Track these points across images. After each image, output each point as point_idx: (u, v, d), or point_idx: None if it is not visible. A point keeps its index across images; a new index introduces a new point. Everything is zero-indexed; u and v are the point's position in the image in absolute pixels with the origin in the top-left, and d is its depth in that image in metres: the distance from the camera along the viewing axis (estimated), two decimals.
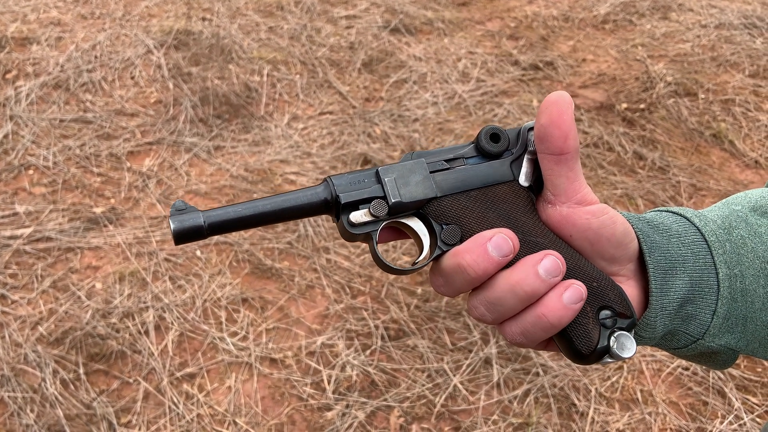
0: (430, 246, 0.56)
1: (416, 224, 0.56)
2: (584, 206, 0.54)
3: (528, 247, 0.54)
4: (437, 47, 4.05)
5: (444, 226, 0.54)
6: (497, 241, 0.51)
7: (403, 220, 0.56)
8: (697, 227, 0.58)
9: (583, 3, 4.57)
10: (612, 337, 0.52)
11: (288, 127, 3.32)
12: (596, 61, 3.96)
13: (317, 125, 3.35)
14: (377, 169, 0.55)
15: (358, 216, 0.54)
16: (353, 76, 3.75)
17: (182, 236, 0.52)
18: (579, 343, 0.52)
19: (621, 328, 0.53)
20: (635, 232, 0.56)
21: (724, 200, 0.66)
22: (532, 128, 0.56)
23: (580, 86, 3.72)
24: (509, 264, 0.52)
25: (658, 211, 0.61)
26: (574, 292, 0.51)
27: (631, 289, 0.56)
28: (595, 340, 0.52)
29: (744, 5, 4.45)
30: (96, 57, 3.80)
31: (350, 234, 0.54)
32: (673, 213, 0.60)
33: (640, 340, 0.57)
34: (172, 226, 0.52)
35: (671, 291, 0.55)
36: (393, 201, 0.54)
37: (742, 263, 0.57)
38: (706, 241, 0.57)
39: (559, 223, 0.54)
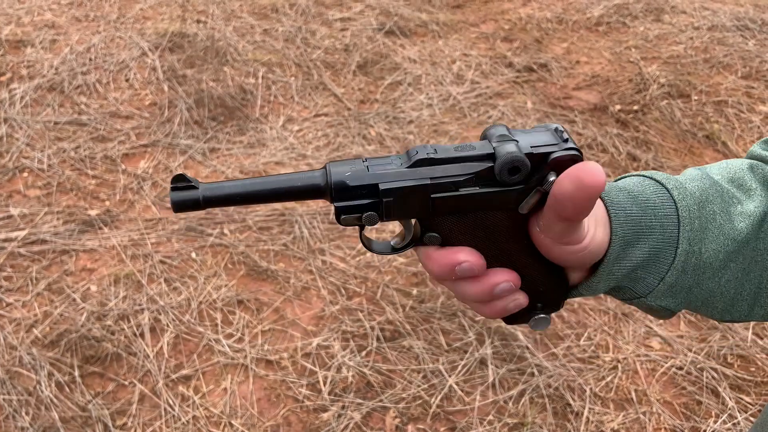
0: (411, 240, 0.56)
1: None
2: (568, 246, 0.53)
3: (507, 262, 0.56)
4: (432, 49, 4.06)
5: (428, 233, 0.54)
6: (464, 267, 0.54)
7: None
8: (674, 200, 0.59)
9: (577, 5, 4.59)
10: (532, 320, 0.59)
11: (283, 129, 3.32)
12: (590, 63, 3.97)
13: (312, 127, 3.35)
14: (378, 185, 0.51)
15: (350, 219, 0.54)
16: (348, 78, 3.76)
17: (180, 206, 0.53)
18: (507, 319, 0.60)
19: (542, 315, 0.59)
20: (608, 210, 0.57)
21: (708, 166, 0.68)
22: (556, 160, 0.51)
23: (574, 88, 3.74)
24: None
25: (643, 176, 0.62)
26: (517, 305, 0.58)
27: (601, 233, 0.56)
28: (518, 320, 0.60)
29: (736, 7, 4.47)
30: (90, 59, 3.79)
31: (340, 222, 0.55)
32: (656, 181, 0.61)
33: (577, 295, 0.60)
34: (171, 196, 0.53)
35: (626, 259, 0.57)
36: (386, 219, 0.53)
37: (705, 239, 0.59)
38: (678, 216, 0.58)
39: (540, 247, 0.55)
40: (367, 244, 0.57)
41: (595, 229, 0.54)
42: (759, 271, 0.63)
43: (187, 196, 0.53)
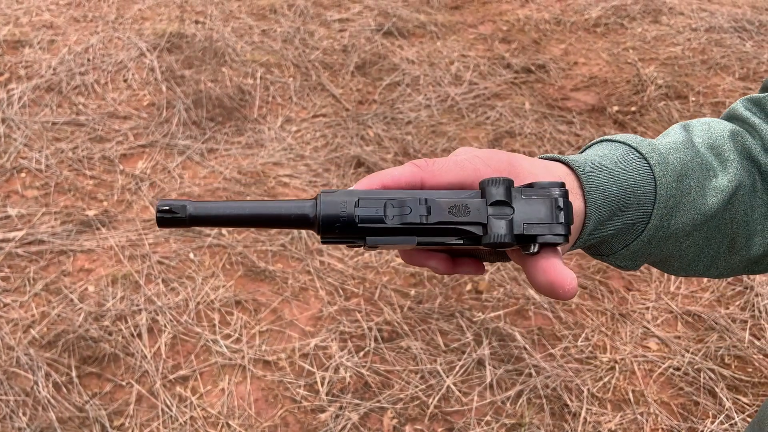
0: None
1: None
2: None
3: None
4: (430, 50, 4.07)
5: None
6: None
7: None
8: (654, 178, 0.58)
9: (575, 7, 4.60)
10: None
11: (281, 130, 3.32)
12: (588, 64, 3.98)
13: (310, 128, 3.35)
14: (366, 240, 0.51)
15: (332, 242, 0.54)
16: (346, 79, 3.76)
17: (164, 223, 0.53)
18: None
19: None
20: (585, 194, 0.56)
21: (695, 123, 0.67)
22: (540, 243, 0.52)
23: (572, 89, 3.75)
24: None
25: (629, 147, 0.60)
26: None
27: (578, 202, 0.56)
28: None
29: (734, 9, 4.48)
30: (88, 60, 3.79)
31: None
32: (639, 154, 0.60)
33: None
34: (156, 214, 0.53)
35: (596, 233, 0.58)
36: (372, 252, 0.54)
37: (677, 214, 0.60)
38: (655, 192, 0.58)
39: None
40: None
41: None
42: (720, 238, 0.64)
43: (172, 215, 0.52)
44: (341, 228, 0.51)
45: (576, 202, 0.55)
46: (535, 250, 0.51)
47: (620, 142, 0.62)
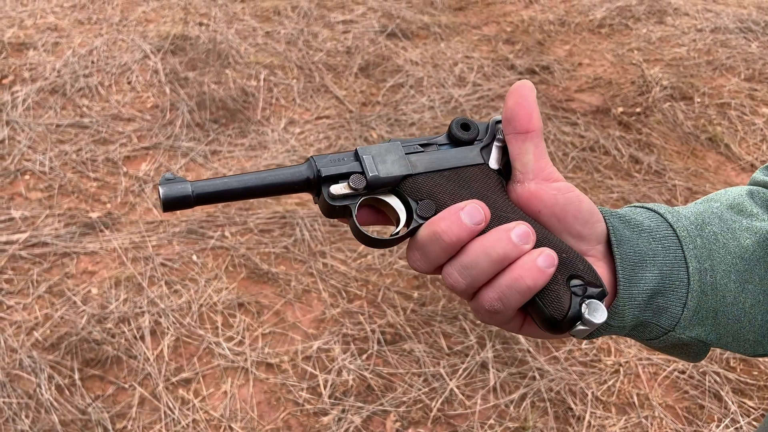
0: (406, 220, 0.58)
1: (393, 201, 0.59)
2: (551, 182, 0.57)
3: (499, 221, 0.56)
4: (434, 52, 4.06)
5: (419, 202, 0.57)
6: (470, 209, 0.53)
7: (380, 197, 0.59)
8: (669, 223, 0.59)
9: (579, 7, 4.58)
10: (583, 304, 0.54)
11: (285, 132, 3.32)
12: (592, 65, 3.97)
13: (314, 129, 3.35)
14: (356, 149, 0.59)
15: (338, 188, 0.57)
16: (350, 81, 3.76)
17: (170, 203, 0.54)
18: (552, 309, 0.54)
19: (591, 297, 0.54)
20: (606, 223, 0.57)
21: (705, 197, 0.68)
22: (499, 121, 0.60)
23: (577, 90, 3.73)
24: (482, 233, 0.54)
25: (633, 207, 0.63)
26: (546, 256, 0.52)
27: (602, 270, 0.57)
28: (567, 306, 0.54)
29: (739, 9, 4.46)
30: (93, 62, 3.80)
31: (330, 207, 0.57)
32: (647, 209, 0.61)
33: (609, 329, 0.57)
34: (161, 192, 0.54)
35: (641, 282, 0.56)
36: (371, 175, 0.57)
37: (713, 258, 0.59)
38: (677, 236, 0.58)
39: (528, 200, 0.57)
40: (363, 235, 0.58)
41: (573, 187, 0.57)
42: None
43: (177, 192, 0.53)
44: (334, 162, 0.57)
45: (585, 200, 0.57)
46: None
47: (626, 207, 0.63)
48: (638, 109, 3.53)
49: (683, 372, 2.19)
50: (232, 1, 4.59)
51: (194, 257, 2.58)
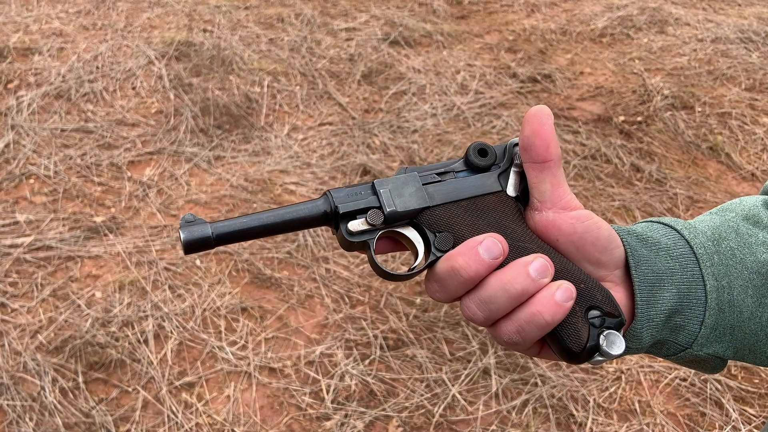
0: (424, 253, 0.58)
1: (411, 233, 0.59)
2: (569, 211, 0.56)
3: (517, 252, 0.56)
4: (436, 59, 4.09)
5: (437, 234, 0.57)
6: (488, 244, 0.53)
7: (398, 230, 0.58)
8: (686, 239, 0.59)
9: (581, 17, 4.62)
10: (601, 336, 0.54)
11: (288, 138, 3.34)
12: (594, 74, 3.99)
13: (317, 136, 3.37)
14: (373, 182, 0.58)
15: (356, 225, 0.56)
16: (353, 88, 3.78)
17: (191, 246, 0.55)
18: (570, 341, 0.54)
19: (609, 327, 0.54)
20: (623, 245, 0.57)
21: (720, 206, 0.68)
22: (516, 144, 0.59)
23: (578, 99, 3.75)
24: (500, 266, 0.54)
25: (649, 222, 0.62)
26: (564, 290, 0.52)
27: (619, 295, 0.57)
28: (585, 338, 0.54)
29: (740, 20, 4.49)
30: (97, 67, 3.82)
31: (349, 242, 0.57)
32: (664, 225, 0.61)
33: (627, 351, 0.57)
34: (182, 236, 0.55)
35: (658, 303, 0.57)
36: (388, 210, 0.57)
37: (730, 274, 0.59)
38: (694, 253, 0.58)
39: (546, 229, 0.57)
40: (381, 270, 0.58)
41: (591, 214, 0.57)
42: None
43: (198, 235, 0.54)
44: (351, 196, 0.57)
45: (603, 227, 0.57)
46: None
47: (642, 222, 0.63)
48: (639, 118, 3.55)
49: (685, 379, 2.20)
50: (236, 8, 4.62)
51: (198, 262, 2.59)
